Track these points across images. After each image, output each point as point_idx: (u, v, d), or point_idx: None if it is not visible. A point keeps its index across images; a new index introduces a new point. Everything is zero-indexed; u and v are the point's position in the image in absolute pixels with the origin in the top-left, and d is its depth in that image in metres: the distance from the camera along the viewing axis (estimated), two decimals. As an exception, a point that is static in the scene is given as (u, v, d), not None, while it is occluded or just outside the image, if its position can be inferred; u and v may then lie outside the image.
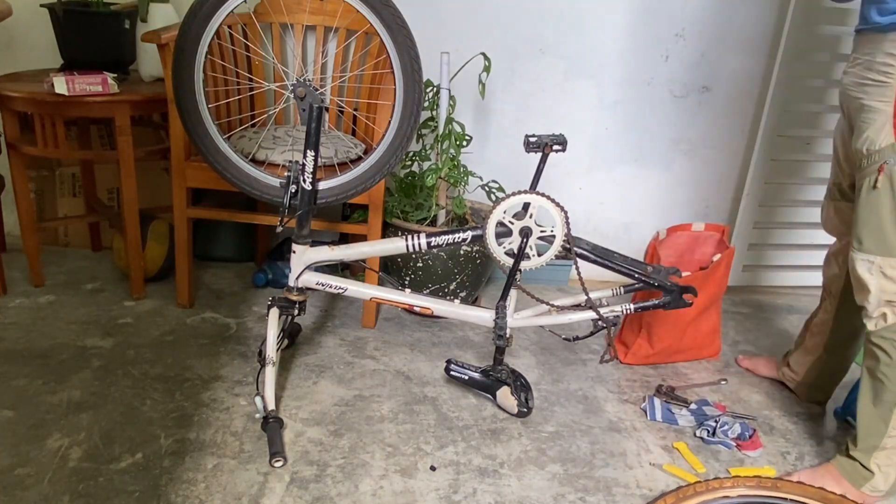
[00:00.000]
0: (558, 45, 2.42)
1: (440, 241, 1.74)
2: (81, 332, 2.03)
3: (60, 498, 1.42)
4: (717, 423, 1.78)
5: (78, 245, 2.58)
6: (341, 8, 2.16)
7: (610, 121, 2.52)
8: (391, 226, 2.20)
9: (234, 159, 1.87)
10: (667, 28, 2.41)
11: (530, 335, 2.25)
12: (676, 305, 1.76)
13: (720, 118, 2.53)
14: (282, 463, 1.57)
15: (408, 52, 1.77)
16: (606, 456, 1.71)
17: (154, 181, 2.47)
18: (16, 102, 2.01)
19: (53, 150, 2.10)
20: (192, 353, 1.97)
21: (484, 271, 2.30)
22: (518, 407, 1.79)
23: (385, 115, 1.98)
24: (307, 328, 2.16)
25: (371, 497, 1.50)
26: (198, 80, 1.79)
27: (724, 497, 1.47)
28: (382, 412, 1.80)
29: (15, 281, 2.28)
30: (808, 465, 1.73)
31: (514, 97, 2.47)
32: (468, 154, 2.30)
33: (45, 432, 1.60)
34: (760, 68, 2.46)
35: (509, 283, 1.74)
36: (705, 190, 2.62)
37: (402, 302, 1.81)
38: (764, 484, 1.50)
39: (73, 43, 2.17)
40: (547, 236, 1.70)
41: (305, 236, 1.76)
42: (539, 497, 1.55)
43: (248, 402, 1.78)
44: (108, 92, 2.01)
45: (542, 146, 1.69)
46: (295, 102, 1.65)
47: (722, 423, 1.78)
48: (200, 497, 1.46)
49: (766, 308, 2.61)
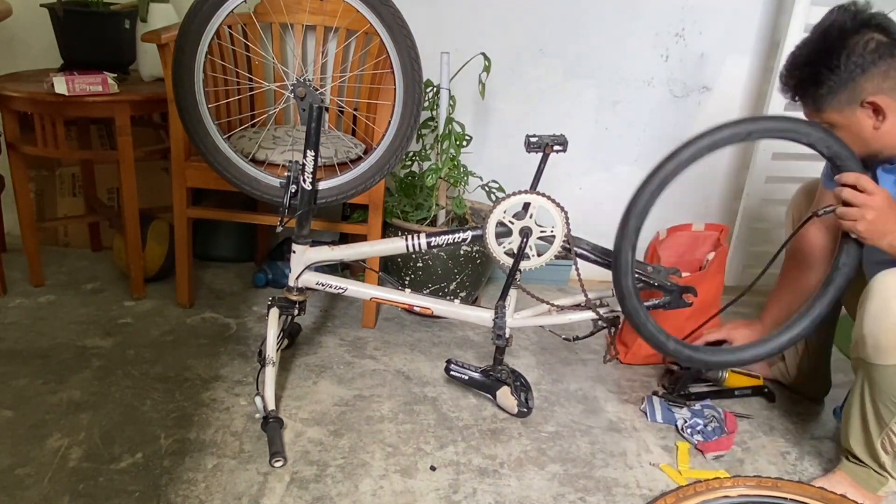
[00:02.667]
0: (558, 45, 2.42)
1: (440, 241, 1.74)
2: (81, 332, 2.03)
3: (60, 498, 1.42)
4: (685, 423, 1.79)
5: (78, 245, 2.58)
6: (341, 8, 2.16)
7: (610, 121, 2.52)
8: (391, 226, 2.20)
9: (234, 159, 1.87)
10: (667, 28, 2.41)
11: (530, 335, 2.25)
12: (676, 305, 1.76)
13: (720, 118, 2.51)
14: (282, 463, 1.57)
15: (408, 52, 1.77)
16: (606, 456, 1.71)
17: (154, 181, 2.47)
18: (16, 102, 2.01)
19: (53, 150, 2.10)
20: (192, 353, 1.97)
21: (484, 271, 2.30)
22: (518, 407, 1.79)
23: (385, 115, 1.98)
24: (307, 328, 2.16)
25: (371, 497, 1.50)
26: (198, 80, 1.79)
27: (724, 497, 1.47)
28: (382, 412, 1.80)
29: (15, 281, 2.28)
30: (808, 465, 1.73)
31: (514, 97, 2.47)
32: (468, 154, 2.30)
33: (45, 432, 1.60)
34: (760, 68, 2.46)
35: (509, 282, 1.74)
36: (705, 190, 2.62)
37: (402, 302, 1.81)
38: (764, 484, 1.50)
39: (73, 43, 2.17)
40: (547, 236, 1.70)
41: (305, 236, 1.76)
42: (539, 497, 1.55)
43: (248, 402, 1.78)
44: (108, 92, 2.01)
45: (543, 146, 1.69)
46: (295, 102, 1.65)
47: (693, 424, 1.79)
48: (200, 497, 1.46)
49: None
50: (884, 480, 1.54)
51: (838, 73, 1.39)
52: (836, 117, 1.44)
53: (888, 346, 1.39)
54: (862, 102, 1.40)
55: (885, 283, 1.41)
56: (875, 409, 1.48)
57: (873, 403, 1.47)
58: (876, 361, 1.42)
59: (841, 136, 1.44)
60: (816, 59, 1.42)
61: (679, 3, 2.38)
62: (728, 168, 2.59)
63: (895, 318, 1.37)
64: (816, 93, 1.43)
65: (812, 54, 1.43)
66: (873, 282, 1.43)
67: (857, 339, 1.46)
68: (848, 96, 1.41)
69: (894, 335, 1.38)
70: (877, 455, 1.52)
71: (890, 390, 1.43)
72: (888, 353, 1.40)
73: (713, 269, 2.06)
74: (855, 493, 1.54)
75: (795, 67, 1.47)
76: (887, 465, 1.52)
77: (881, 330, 1.39)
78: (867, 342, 1.42)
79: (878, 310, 1.40)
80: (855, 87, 1.39)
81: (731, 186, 2.61)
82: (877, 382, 1.45)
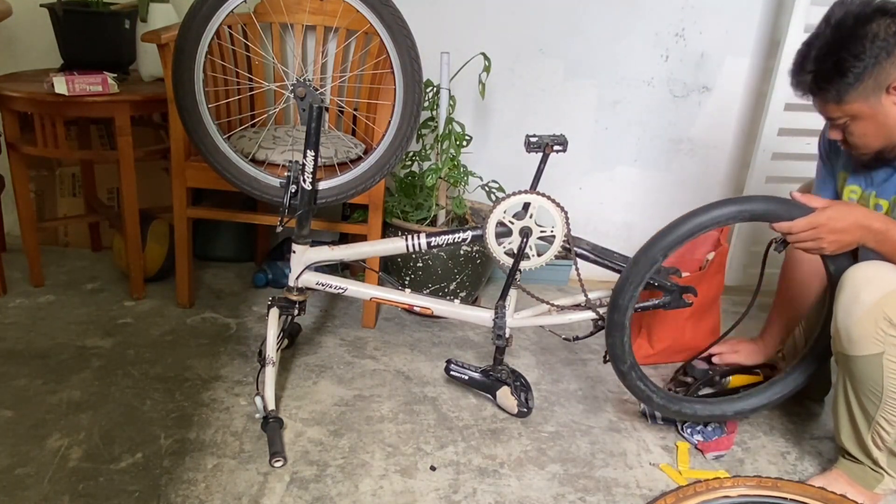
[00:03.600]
0: (558, 45, 2.42)
1: (440, 241, 1.74)
2: (81, 332, 2.03)
3: (60, 498, 1.42)
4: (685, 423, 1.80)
5: (78, 245, 2.58)
6: (341, 8, 2.15)
7: (610, 121, 2.52)
8: (391, 226, 2.20)
9: (234, 159, 1.87)
10: (667, 28, 2.41)
11: (530, 335, 2.25)
12: (676, 305, 1.76)
13: (720, 118, 2.53)
14: (282, 463, 1.57)
15: (408, 52, 1.77)
16: (606, 456, 1.71)
17: (154, 181, 2.47)
18: (16, 102, 2.01)
19: (53, 150, 2.10)
20: (192, 353, 1.97)
21: (484, 271, 2.30)
22: (518, 407, 1.79)
23: (385, 115, 1.98)
24: (307, 328, 2.16)
25: (371, 497, 1.50)
26: (198, 80, 1.79)
27: (724, 497, 1.47)
28: (382, 412, 1.80)
29: (15, 281, 2.28)
30: (808, 465, 1.73)
31: (514, 97, 2.47)
32: (468, 154, 2.30)
33: (45, 432, 1.60)
34: (760, 68, 2.46)
35: (509, 282, 1.74)
36: (705, 190, 2.61)
37: (402, 302, 1.81)
38: (764, 484, 1.50)
39: (73, 43, 2.17)
40: (547, 236, 1.70)
41: (305, 236, 1.76)
42: (539, 497, 1.55)
43: (248, 402, 1.78)
44: (108, 92, 2.01)
45: (543, 146, 1.69)
46: (295, 102, 1.65)
47: (693, 424, 1.79)
48: (200, 497, 1.46)
49: (767, 308, 2.61)
50: (879, 478, 1.54)
51: (863, 59, 1.36)
52: (861, 107, 1.41)
53: (860, 336, 1.41)
54: (888, 88, 1.38)
55: (854, 276, 1.44)
56: (859, 402, 1.49)
57: (856, 396, 1.49)
58: (851, 353, 1.44)
59: (863, 128, 1.43)
60: (838, 49, 1.39)
61: (679, 3, 2.38)
62: (728, 168, 2.59)
63: (865, 309, 1.39)
64: (841, 83, 1.39)
65: (830, 45, 1.40)
66: (844, 276, 1.46)
67: (833, 333, 1.49)
68: (874, 83, 1.38)
69: (865, 325, 1.40)
70: (869, 451, 1.52)
71: (868, 381, 1.44)
72: (860, 343, 1.41)
73: (713, 268, 2.06)
74: (853, 491, 1.54)
75: (811, 61, 1.43)
76: (881, 462, 1.53)
77: (852, 321, 1.41)
78: (841, 335, 1.45)
79: (848, 302, 1.42)
80: (881, 73, 1.37)
81: (732, 186, 2.61)
82: (855, 375, 1.47)
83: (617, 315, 1.58)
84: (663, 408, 1.69)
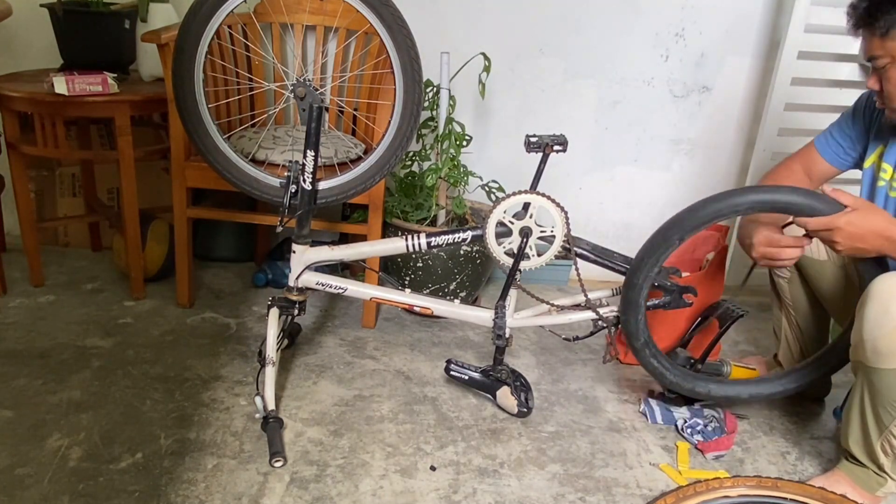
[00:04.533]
0: (558, 45, 2.42)
1: (440, 241, 1.74)
2: (81, 332, 2.03)
3: (60, 498, 1.42)
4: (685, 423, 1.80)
5: (78, 245, 2.58)
6: (341, 8, 2.16)
7: (610, 121, 2.52)
8: (391, 226, 2.20)
9: (234, 159, 1.87)
10: (667, 28, 2.41)
11: (530, 335, 2.25)
12: (676, 305, 1.76)
13: (720, 118, 2.53)
14: (282, 463, 1.57)
15: (408, 52, 1.77)
16: (606, 456, 1.71)
17: (154, 181, 2.47)
18: (16, 102, 2.01)
19: (53, 150, 2.10)
20: (192, 353, 1.97)
21: (484, 271, 2.30)
22: (518, 407, 1.79)
23: (385, 115, 1.98)
24: (307, 328, 2.16)
25: (371, 497, 1.50)
26: (198, 80, 1.79)
27: (724, 497, 1.47)
28: (382, 412, 1.80)
29: (15, 281, 2.28)
30: (808, 465, 1.73)
31: (514, 97, 2.47)
32: (468, 154, 2.30)
33: (45, 432, 1.60)
34: (760, 68, 2.46)
35: (509, 282, 1.74)
36: (705, 190, 2.60)
37: (402, 302, 1.81)
38: (764, 484, 1.50)
39: (73, 43, 2.17)
40: (547, 236, 1.70)
41: (305, 236, 1.76)
42: (539, 497, 1.55)
43: (248, 402, 1.78)
44: (108, 92, 2.01)
45: (543, 146, 1.69)
46: (295, 102, 1.65)
47: (693, 424, 1.79)
48: (200, 497, 1.46)
49: (767, 308, 2.61)
50: (882, 481, 1.54)
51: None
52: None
53: (888, 351, 1.38)
54: None
55: (884, 287, 1.40)
56: (874, 412, 1.47)
57: (873, 407, 1.47)
58: (875, 365, 1.42)
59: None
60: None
61: (679, 3, 2.38)
62: (728, 168, 2.59)
63: (895, 323, 1.36)
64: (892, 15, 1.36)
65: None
66: (872, 285, 1.42)
67: (856, 342, 1.46)
68: None
69: (893, 339, 1.37)
70: (876, 457, 1.51)
71: (889, 394, 1.42)
72: (887, 357, 1.39)
73: (713, 268, 2.06)
74: (854, 493, 1.54)
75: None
76: (886, 467, 1.52)
77: (881, 334, 1.38)
78: (866, 346, 1.42)
79: (877, 314, 1.39)
80: None
81: (732, 186, 2.61)
82: (875, 386, 1.44)
83: (632, 293, 1.60)
84: (677, 385, 1.69)
